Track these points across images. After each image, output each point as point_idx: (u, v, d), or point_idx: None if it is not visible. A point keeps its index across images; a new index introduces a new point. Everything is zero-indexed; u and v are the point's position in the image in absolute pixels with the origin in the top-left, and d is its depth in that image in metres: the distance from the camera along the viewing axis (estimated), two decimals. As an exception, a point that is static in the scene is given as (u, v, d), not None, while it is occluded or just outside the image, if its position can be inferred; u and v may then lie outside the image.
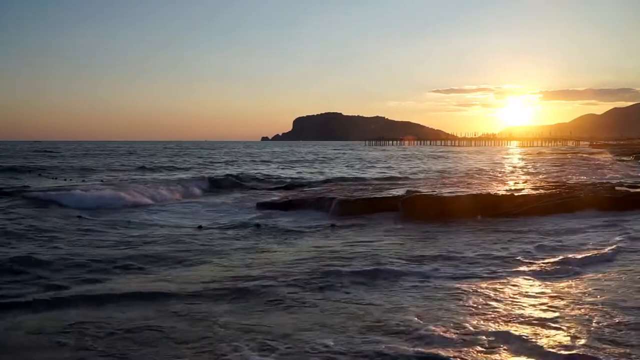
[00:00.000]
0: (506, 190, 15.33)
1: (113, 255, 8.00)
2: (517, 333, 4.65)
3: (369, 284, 6.29)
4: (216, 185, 20.06)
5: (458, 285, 6.19)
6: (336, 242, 9.20)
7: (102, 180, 21.52)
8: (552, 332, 4.67)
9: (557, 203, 12.80)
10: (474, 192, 14.40)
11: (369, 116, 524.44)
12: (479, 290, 5.99)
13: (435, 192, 14.46)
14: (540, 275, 6.67)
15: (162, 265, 7.43)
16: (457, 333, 4.64)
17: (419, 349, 4.30)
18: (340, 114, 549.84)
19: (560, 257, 7.52)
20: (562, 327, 4.77)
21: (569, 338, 4.51)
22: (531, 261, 7.36)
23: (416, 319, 5.04)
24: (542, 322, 4.90)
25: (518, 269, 6.95)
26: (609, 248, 8.12)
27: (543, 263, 7.24)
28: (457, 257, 7.71)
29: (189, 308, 5.42)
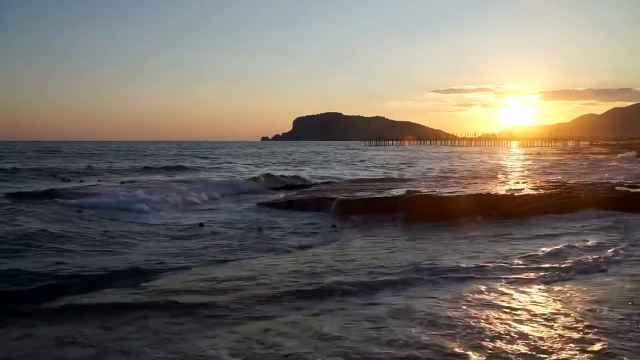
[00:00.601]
0: (506, 190, 15.33)
1: (90, 261, 7.56)
2: (513, 337, 4.64)
3: (362, 294, 5.95)
4: (218, 186, 20.02)
5: (456, 289, 6.17)
6: (334, 245, 9.19)
7: (99, 181, 21.58)
8: (551, 336, 4.66)
9: (557, 203, 12.81)
10: (474, 192, 14.41)
11: (369, 116, 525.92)
12: (477, 294, 5.96)
13: (435, 192, 14.45)
14: (540, 278, 6.61)
15: (141, 273, 7.00)
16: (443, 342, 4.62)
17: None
18: (340, 114, 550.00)
19: (560, 259, 7.48)
20: (560, 331, 4.76)
21: (566, 343, 4.50)
22: (530, 263, 7.32)
23: (393, 317, 5.06)
24: (540, 327, 4.90)
25: (517, 272, 6.91)
26: (610, 250, 8.08)
27: (543, 265, 7.20)
28: (457, 259, 7.69)
29: (157, 319, 5.17)
